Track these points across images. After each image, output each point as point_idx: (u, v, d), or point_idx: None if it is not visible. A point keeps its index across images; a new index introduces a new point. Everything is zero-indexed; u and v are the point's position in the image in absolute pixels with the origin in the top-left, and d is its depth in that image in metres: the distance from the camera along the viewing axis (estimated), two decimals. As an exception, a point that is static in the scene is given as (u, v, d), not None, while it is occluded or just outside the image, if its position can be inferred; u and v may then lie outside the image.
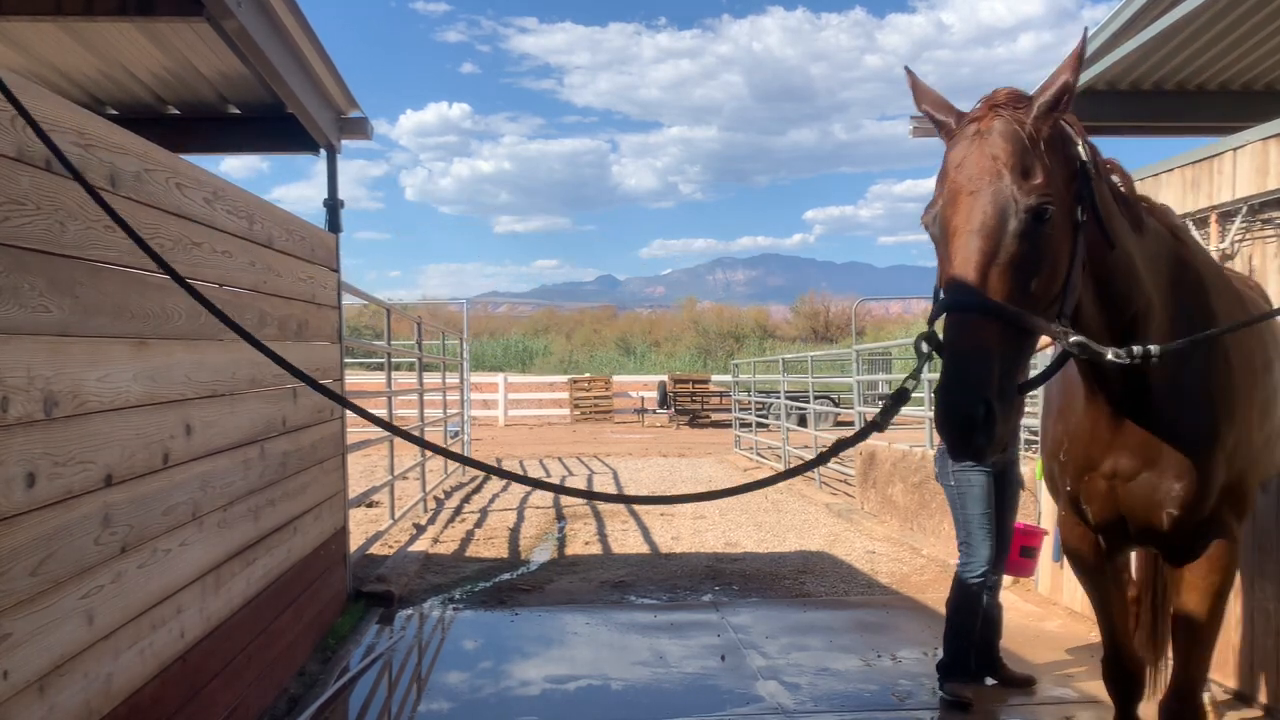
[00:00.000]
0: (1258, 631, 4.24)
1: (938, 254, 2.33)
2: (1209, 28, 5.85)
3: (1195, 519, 2.67)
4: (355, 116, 6.33)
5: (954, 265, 2.17)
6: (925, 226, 2.36)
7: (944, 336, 2.18)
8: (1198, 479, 2.62)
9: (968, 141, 2.27)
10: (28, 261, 2.50)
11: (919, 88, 2.49)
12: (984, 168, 2.20)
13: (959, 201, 2.21)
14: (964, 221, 2.18)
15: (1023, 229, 2.16)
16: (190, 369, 3.51)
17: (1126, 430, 2.65)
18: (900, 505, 9.08)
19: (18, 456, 2.42)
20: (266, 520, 4.38)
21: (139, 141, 3.23)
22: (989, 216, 2.16)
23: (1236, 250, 4.55)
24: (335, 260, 5.98)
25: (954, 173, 2.26)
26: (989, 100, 2.34)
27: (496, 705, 4.53)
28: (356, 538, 7.21)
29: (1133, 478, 2.69)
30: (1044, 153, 2.25)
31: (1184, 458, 2.61)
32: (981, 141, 2.24)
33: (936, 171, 2.38)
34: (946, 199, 2.25)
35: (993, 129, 2.25)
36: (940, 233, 2.26)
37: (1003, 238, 2.16)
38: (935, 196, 2.32)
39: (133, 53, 5.25)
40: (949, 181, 2.26)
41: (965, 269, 2.14)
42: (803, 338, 52.22)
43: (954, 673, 4.43)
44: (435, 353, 14.62)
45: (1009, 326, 2.13)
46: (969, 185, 2.21)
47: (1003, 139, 2.22)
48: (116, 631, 2.91)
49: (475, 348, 40.13)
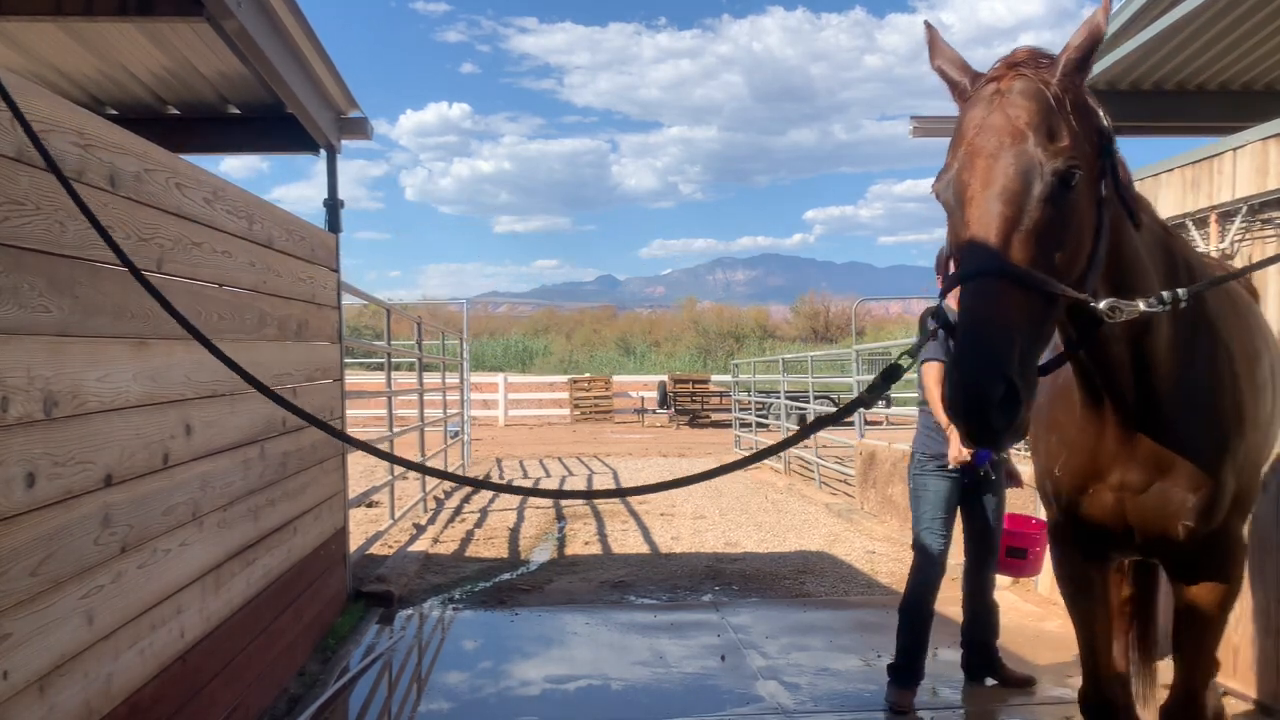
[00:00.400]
0: (1258, 632, 4.24)
1: (950, 223, 2.13)
2: (1209, 28, 5.85)
3: (1209, 529, 2.52)
4: (355, 116, 6.33)
5: (972, 229, 1.98)
6: (937, 195, 2.17)
7: (960, 306, 1.98)
8: (1213, 488, 2.46)
9: (986, 102, 2.09)
10: (28, 261, 2.50)
11: (936, 43, 2.30)
12: (1005, 128, 2.02)
13: (977, 164, 2.03)
14: (983, 185, 2.00)
15: (1048, 193, 1.98)
16: (190, 369, 3.51)
17: (1134, 440, 2.47)
18: (900, 505, 9.08)
19: (18, 456, 2.42)
20: (266, 520, 4.38)
21: (139, 141, 3.23)
22: (1011, 179, 1.98)
23: (1236, 250, 4.55)
24: (335, 260, 5.98)
25: (971, 134, 2.08)
26: (1008, 59, 2.17)
27: (496, 705, 4.53)
28: (356, 538, 7.21)
29: (1143, 490, 2.51)
30: (1070, 114, 2.07)
31: (1197, 467, 2.44)
32: (1002, 101, 2.06)
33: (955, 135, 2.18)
34: (963, 162, 2.06)
35: (1014, 88, 2.07)
36: (955, 199, 2.07)
37: (1026, 202, 1.97)
38: (948, 161, 2.14)
39: (133, 53, 5.25)
40: (965, 143, 2.08)
41: (985, 233, 1.95)
42: (803, 338, 52.23)
43: (901, 675, 4.38)
44: (435, 353, 14.62)
45: (1033, 295, 1.92)
46: (988, 147, 2.03)
47: (1025, 98, 2.05)
48: (116, 631, 2.91)
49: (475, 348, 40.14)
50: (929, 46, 2.32)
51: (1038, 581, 6.19)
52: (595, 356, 45.94)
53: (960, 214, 2.05)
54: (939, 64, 2.29)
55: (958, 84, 2.23)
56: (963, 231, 2.02)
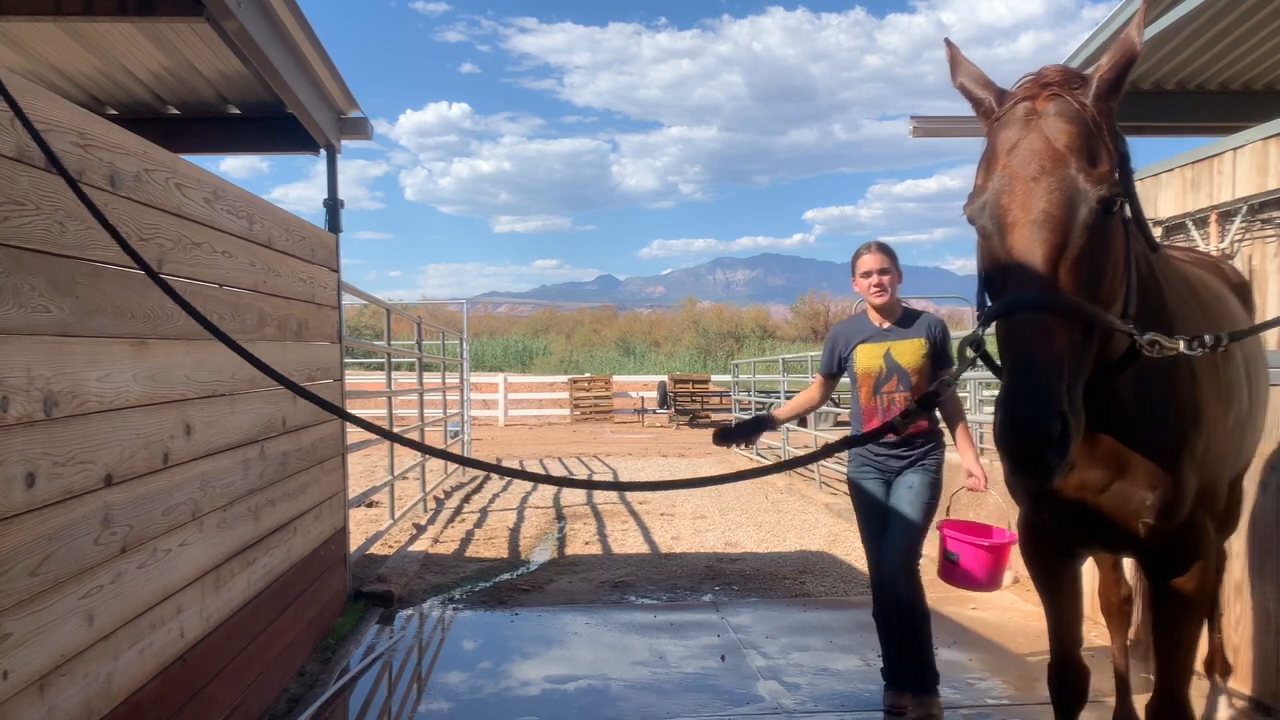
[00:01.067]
0: (1258, 631, 4.24)
1: (986, 247, 2.09)
2: (1209, 28, 5.85)
3: (1172, 526, 2.51)
4: (355, 116, 6.33)
5: (1016, 258, 1.94)
6: (971, 219, 2.13)
7: (1007, 339, 1.96)
8: (1171, 486, 2.45)
9: (1021, 123, 2.06)
10: (28, 261, 2.50)
11: (957, 60, 2.30)
12: (1045, 152, 1.99)
13: (1016, 188, 1.99)
14: (1025, 212, 1.96)
15: (1092, 220, 1.96)
16: (190, 369, 3.51)
17: (1094, 440, 2.44)
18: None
19: (18, 456, 2.42)
20: (266, 520, 4.38)
21: (139, 141, 3.23)
22: (1055, 206, 1.95)
23: (1236, 250, 4.55)
24: (335, 260, 5.98)
25: (1007, 157, 2.04)
26: (1037, 79, 2.14)
27: (496, 705, 4.53)
28: (356, 538, 7.22)
29: (1104, 489, 2.51)
30: (1107, 138, 2.05)
31: (1155, 466, 2.44)
32: (1040, 123, 2.04)
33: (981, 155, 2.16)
34: (1002, 187, 2.02)
35: (1049, 110, 2.05)
36: (994, 224, 2.04)
37: (1071, 230, 1.95)
38: (980, 184, 2.11)
39: (133, 53, 5.25)
40: (1002, 167, 2.04)
41: (1031, 263, 1.91)
42: (803, 338, 52.23)
43: (891, 679, 4.29)
44: (435, 353, 14.62)
45: (1080, 327, 1.93)
46: (1029, 171, 1.99)
47: (1064, 120, 2.02)
48: (116, 631, 2.91)
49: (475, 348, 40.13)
50: (951, 64, 2.30)
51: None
52: (595, 356, 45.94)
53: (1000, 240, 2.01)
54: (961, 81, 2.27)
55: (982, 101, 2.21)
56: (1004, 258, 1.99)
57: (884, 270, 4.16)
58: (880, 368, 4.15)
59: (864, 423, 4.22)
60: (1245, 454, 3.21)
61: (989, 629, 5.62)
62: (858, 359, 4.22)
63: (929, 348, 4.12)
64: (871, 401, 4.18)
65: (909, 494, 4.16)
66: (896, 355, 4.14)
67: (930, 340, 4.14)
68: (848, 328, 4.37)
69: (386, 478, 8.47)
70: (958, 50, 2.30)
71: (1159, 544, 2.56)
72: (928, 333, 4.16)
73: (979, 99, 2.22)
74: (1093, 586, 5.67)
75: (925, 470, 4.20)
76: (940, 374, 4.06)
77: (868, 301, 4.25)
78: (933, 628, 4.42)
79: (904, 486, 4.19)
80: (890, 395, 4.14)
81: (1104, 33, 6.27)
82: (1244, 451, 3.13)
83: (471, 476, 13.56)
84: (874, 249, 4.22)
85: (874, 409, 4.18)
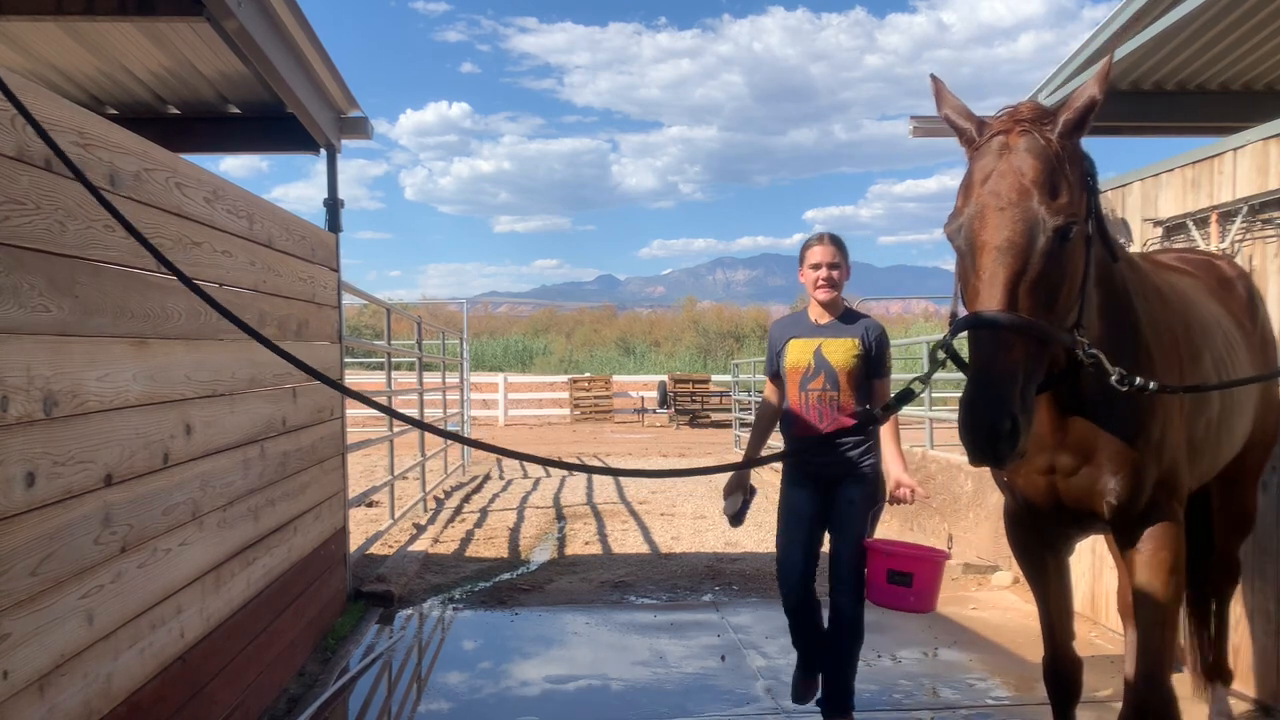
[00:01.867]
0: (1258, 632, 4.24)
1: (960, 265, 2.39)
2: (1209, 28, 5.85)
3: (1135, 508, 2.80)
4: (355, 116, 6.33)
5: (983, 281, 2.24)
6: (949, 237, 2.41)
7: (971, 349, 2.26)
8: (1131, 472, 2.75)
9: (994, 155, 2.33)
10: (28, 261, 2.50)
11: (942, 94, 2.56)
12: (1013, 185, 2.27)
13: (987, 216, 2.27)
14: (991, 237, 2.25)
15: (1049, 248, 2.24)
16: (190, 369, 3.51)
17: (1064, 428, 2.76)
18: (900, 505, 9.06)
19: (18, 456, 2.42)
20: (266, 520, 4.38)
21: (138, 141, 3.23)
22: (1018, 234, 2.23)
23: (1237, 250, 4.55)
24: (335, 260, 5.98)
25: (980, 187, 2.31)
26: (1013, 114, 2.40)
27: (496, 705, 4.53)
28: (356, 538, 7.21)
29: (1073, 473, 2.81)
30: (1068, 171, 2.32)
31: (1116, 454, 2.73)
32: (1010, 157, 2.30)
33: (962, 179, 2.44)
34: (975, 214, 2.30)
35: (1020, 145, 2.31)
36: (967, 246, 2.33)
37: (1031, 256, 2.23)
38: (959, 206, 2.38)
39: (133, 53, 5.25)
40: (976, 195, 2.32)
41: (994, 285, 2.21)
42: (803, 338, 52.19)
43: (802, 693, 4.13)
44: (435, 352, 14.62)
45: (1035, 342, 2.23)
46: (997, 201, 2.27)
47: (1031, 156, 2.29)
48: (116, 631, 2.91)
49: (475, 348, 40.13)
50: (936, 97, 2.57)
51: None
52: (595, 356, 45.93)
53: (971, 261, 2.31)
54: (945, 112, 2.53)
55: (964, 131, 2.47)
56: (973, 279, 2.29)
57: (834, 264, 3.95)
58: (808, 363, 3.93)
59: (791, 420, 4.02)
60: (1228, 447, 3.37)
61: (989, 629, 5.62)
62: (788, 353, 4.00)
63: (861, 350, 3.88)
64: (799, 397, 3.96)
65: (850, 510, 3.93)
66: (827, 353, 3.91)
67: (865, 344, 3.90)
68: (785, 324, 4.16)
69: (386, 478, 8.47)
70: (943, 84, 2.57)
71: (1126, 524, 2.84)
72: (864, 335, 3.92)
73: (962, 129, 2.48)
74: (1100, 589, 5.67)
75: (863, 482, 3.95)
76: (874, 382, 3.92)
77: (812, 296, 4.02)
78: (932, 628, 4.42)
79: (844, 501, 3.94)
80: (816, 393, 3.91)
81: (1104, 33, 6.27)
82: (1225, 446, 3.32)
83: (471, 476, 13.56)
84: (826, 240, 3.99)
85: (801, 405, 3.96)
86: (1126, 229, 5.45)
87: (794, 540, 4.02)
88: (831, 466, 3.95)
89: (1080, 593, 5.75)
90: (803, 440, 4.00)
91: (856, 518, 3.93)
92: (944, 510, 8.04)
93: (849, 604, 3.91)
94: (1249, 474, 3.83)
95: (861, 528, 3.95)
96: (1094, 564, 5.56)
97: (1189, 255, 4.04)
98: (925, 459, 8.50)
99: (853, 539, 3.92)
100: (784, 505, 4.11)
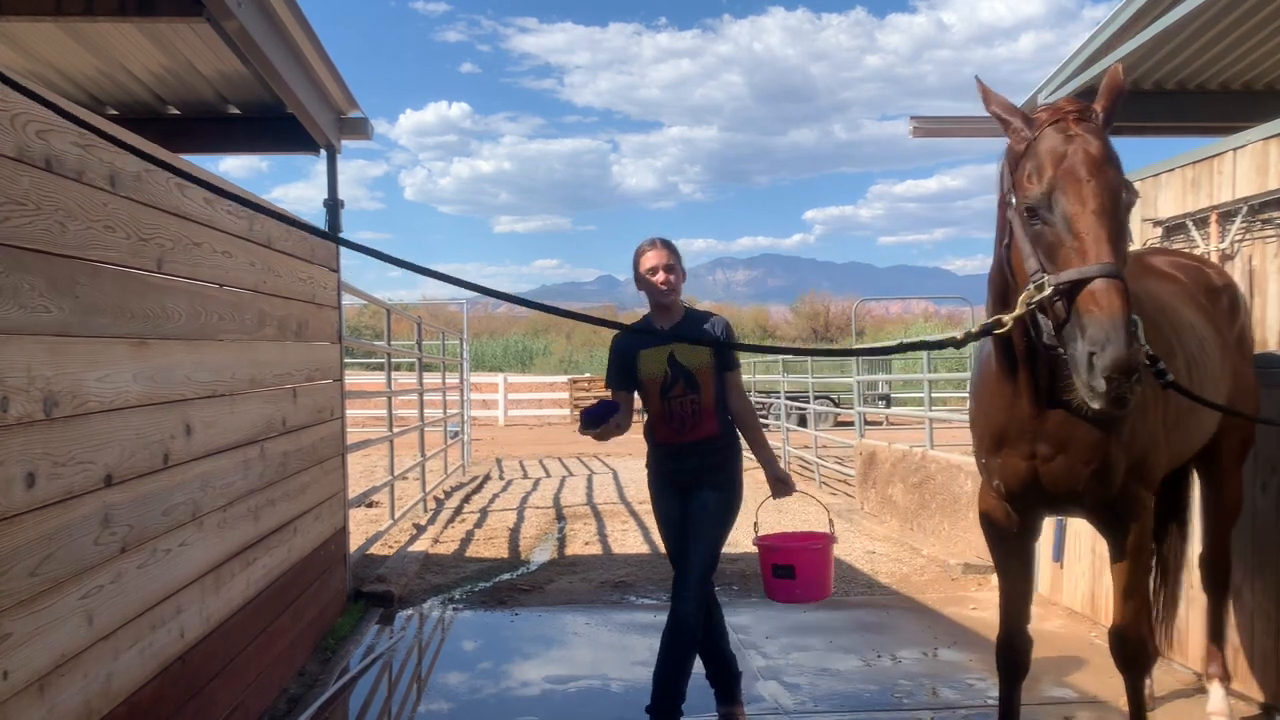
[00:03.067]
0: (1258, 632, 4.24)
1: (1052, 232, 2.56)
2: (1209, 28, 5.85)
3: (1109, 493, 3.09)
4: (355, 116, 6.33)
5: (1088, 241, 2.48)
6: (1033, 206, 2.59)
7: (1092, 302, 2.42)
8: (1102, 461, 3.03)
9: (1063, 137, 2.59)
10: (28, 261, 2.50)
11: (988, 93, 2.84)
12: (1094, 159, 2.54)
13: (1078, 186, 2.52)
14: (1087, 203, 2.50)
15: (1126, 213, 2.57)
16: (190, 369, 3.51)
17: (1044, 418, 3.02)
18: (900, 505, 9.08)
19: (18, 456, 2.42)
20: (266, 520, 4.38)
21: (139, 141, 3.22)
22: (1108, 200, 2.52)
23: (1236, 250, 4.55)
24: (335, 260, 5.98)
25: (1059, 163, 2.56)
26: (1058, 108, 2.66)
27: (496, 706, 4.53)
28: (356, 538, 7.21)
29: (1051, 459, 3.08)
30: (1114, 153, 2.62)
31: (1090, 444, 3.01)
32: (1079, 139, 2.57)
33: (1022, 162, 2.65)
34: (1066, 184, 2.53)
35: (1082, 130, 2.59)
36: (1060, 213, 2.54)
37: (1119, 217, 2.53)
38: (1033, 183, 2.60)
39: (133, 53, 5.25)
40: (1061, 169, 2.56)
41: (1101, 243, 2.46)
42: (803, 338, 52.24)
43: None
44: (435, 353, 14.62)
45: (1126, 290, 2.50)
46: (1084, 172, 2.53)
47: (1096, 137, 2.59)
48: (116, 631, 2.91)
49: (475, 348, 40.12)
50: (983, 96, 2.85)
51: (1038, 581, 6.19)
52: (595, 356, 45.89)
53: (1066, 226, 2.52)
54: (994, 109, 2.81)
55: (1010, 123, 2.75)
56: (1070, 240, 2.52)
57: (669, 266, 3.85)
58: (664, 371, 3.85)
59: (655, 429, 3.97)
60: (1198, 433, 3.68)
61: (989, 629, 5.60)
62: (642, 365, 3.90)
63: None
64: (662, 407, 3.89)
65: (703, 515, 3.83)
66: (680, 357, 3.83)
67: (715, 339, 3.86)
68: (627, 338, 4.03)
69: (386, 478, 8.47)
70: (988, 86, 2.86)
71: (1100, 507, 3.16)
72: (711, 333, 3.88)
73: (1008, 121, 2.76)
74: (1100, 589, 5.67)
75: (719, 488, 3.86)
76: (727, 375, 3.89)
77: (653, 300, 3.94)
78: (933, 628, 4.43)
79: (697, 506, 3.84)
80: (679, 400, 3.84)
81: (1104, 33, 6.27)
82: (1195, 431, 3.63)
83: (472, 476, 13.56)
84: (657, 244, 3.89)
85: (665, 414, 3.88)
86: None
87: (672, 553, 3.99)
88: (690, 473, 3.88)
89: (1080, 593, 5.75)
90: (669, 448, 3.93)
91: (707, 521, 3.82)
92: (944, 510, 8.04)
93: (688, 610, 3.74)
94: (1228, 457, 4.03)
95: (713, 532, 3.83)
96: (1094, 564, 5.56)
97: (1182, 260, 4.15)
98: (925, 459, 8.50)
99: (703, 543, 3.80)
100: (658, 513, 4.06)
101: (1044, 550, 6.10)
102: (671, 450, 3.92)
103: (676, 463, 3.92)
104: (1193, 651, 4.61)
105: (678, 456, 3.91)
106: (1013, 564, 3.43)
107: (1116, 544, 3.22)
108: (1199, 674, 4.49)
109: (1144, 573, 3.28)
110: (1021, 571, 3.45)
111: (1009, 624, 3.45)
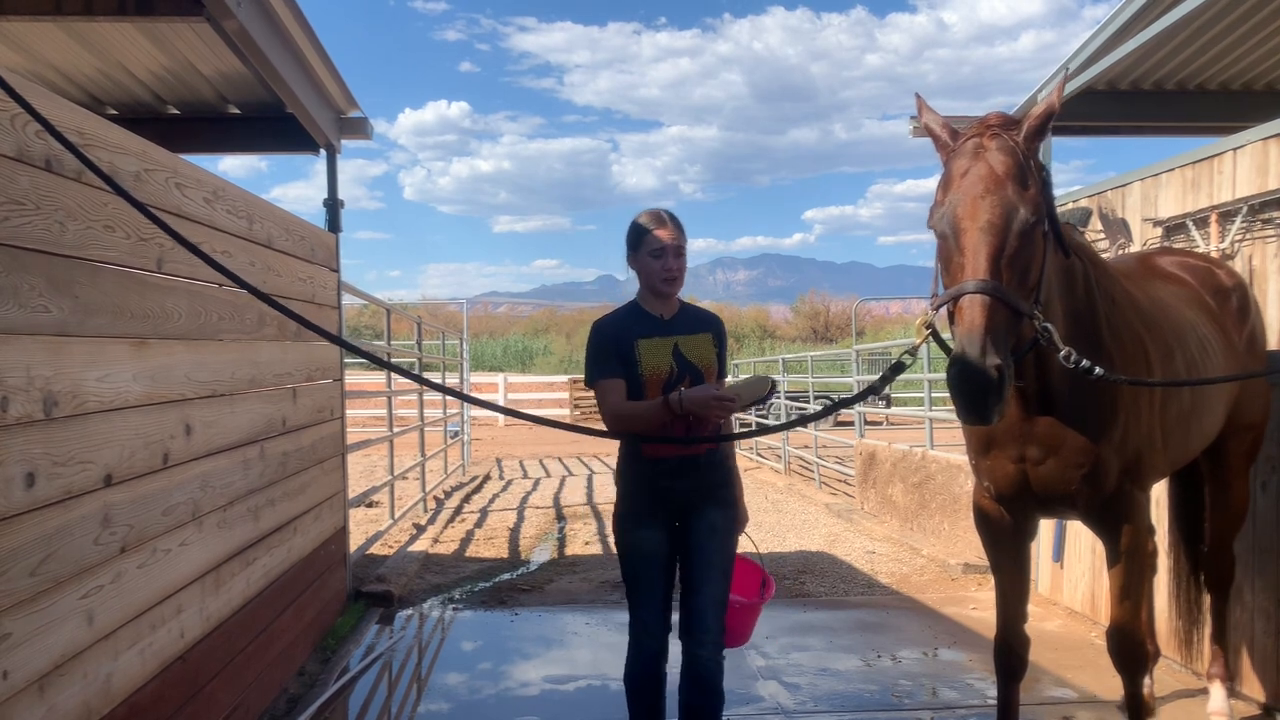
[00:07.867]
0: (1258, 632, 4.24)
1: (944, 248, 2.66)
2: (1209, 28, 5.85)
3: (1102, 495, 3.10)
4: (355, 116, 6.33)
5: (967, 256, 2.54)
6: (932, 227, 2.69)
7: (958, 315, 2.49)
8: (1094, 463, 3.05)
9: (970, 155, 2.64)
10: (28, 261, 2.50)
11: (923, 108, 2.93)
12: (990, 176, 2.58)
13: (969, 203, 2.57)
14: (975, 220, 2.55)
15: (1021, 229, 2.56)
16: (190, 369, 3.51)
17: (1034, 423, 3.05)
18: (900, 505, 9.08)
19: (18, 456, 2.42)
20: (266, 520, 4.38)
21: (138, 141, 3.23)
22: (997, 217, 2.54)
23: (1237, 250, 4.55)
24: (335, 260, 5.98)
25: (960, 180, 2.62)
26: (982, 123, 2.73)
27: (496, 705, 4.53)
28: (356, 538, 7.21)
29: (1041, 462, 3.10)
30: (1032, 168, 2.65)
31: (1082, 448, 3.04)
32: (985, 155, 2.62)
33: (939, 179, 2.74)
34: (957, 201, 2.60)
35: (992, 146, 2.64)
36: (950, 230, 2.61)
37: (1008, 235, 2.54)
38: (939, 200, 2.68)
39: (133, 53, 5.25)
40: (957, 187, 2.62)
41: (978, 258, 2.51)
42: (803, 338, 52.21)
43: None
44: (435, 353, 14.62)
45: (1012, 310, 2.52)
46: (977, 190, 2.57)
47: (1003, 154, 2.62)
48: (116, 631, 2.91)
49: (475, 348, 40.13)
50: (919, 110, 2.93)
51: (1037, 581, 6.19)
52: (595, 357, 45.85)
53: (954, 242, 2.59)
54: (925, 122, 2.88)
55: (940, 139, 2.82)
56: (956, 257, 2.58)
57: (679, 250, 3.27)
58: (670, 366, 3.23)
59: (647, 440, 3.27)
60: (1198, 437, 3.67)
61: (989, 629, 5.59)
62: (643, 358, 3.23)
63: (716, 344, 3.34)
64: None
65: (713, 538, 3.23)
66: (686, 352, 3.26)
67: (716, 337, 3.36)
68: (622, 323, 3.32)
69: (386, 478, 8.47)
70: (924, 101, 2.95)
71: (1093, 509, 3.16)
72: (713, 329, 3.37)
73: (938, 136, 2.83)
74: (1100, 589, 5.67)
75: (724, 505, 3.30)
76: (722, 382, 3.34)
77: (654, 288, 3.29)
78: (933, 628, 4.42)
79: (705, 529, 3.23)
80: None
81: (1104, 33, 6.27)
82: (1194, 435, 3.62)
83: (472, 476, 13.57)
84: (666, 222, 3.28)
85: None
86: (1126, 229, 5.45)
87: (651, 595, 3.27)
88: (692, 492, 3.24)
89: (1080, 593, 5.75)
90: (667, 462, 3.23)
91: (722, 549, 3.24)
92: (944, 510, 8.04)
93: (713, 658, 3.17)
94: (1235, 458, 4.00)
95: (729, 561, 3.29)
96: (1094, 564, 5.56)
97: (1190, 261, 4.13)
98: (925, 459, 8.50)
99: (718, 571, 3.22)
100: (629, 554, 3.29)
101: (1044, 550, 6.10)
102: (670, 465, 3.22)
103: (675, 480, 3.23)
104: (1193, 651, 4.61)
105: (677, 473, 3.22)
106: (1008, 563, 3.45)
107: (1112, 545, 3.23)
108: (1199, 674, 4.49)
109: (1140, 573, 3.28)
110: (1017, 571, 3.46)
111: (1006, 623, 3.48)
